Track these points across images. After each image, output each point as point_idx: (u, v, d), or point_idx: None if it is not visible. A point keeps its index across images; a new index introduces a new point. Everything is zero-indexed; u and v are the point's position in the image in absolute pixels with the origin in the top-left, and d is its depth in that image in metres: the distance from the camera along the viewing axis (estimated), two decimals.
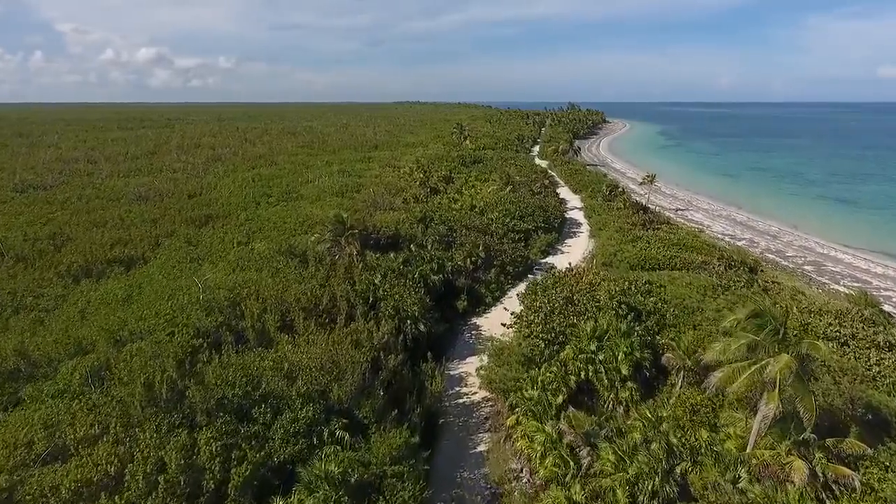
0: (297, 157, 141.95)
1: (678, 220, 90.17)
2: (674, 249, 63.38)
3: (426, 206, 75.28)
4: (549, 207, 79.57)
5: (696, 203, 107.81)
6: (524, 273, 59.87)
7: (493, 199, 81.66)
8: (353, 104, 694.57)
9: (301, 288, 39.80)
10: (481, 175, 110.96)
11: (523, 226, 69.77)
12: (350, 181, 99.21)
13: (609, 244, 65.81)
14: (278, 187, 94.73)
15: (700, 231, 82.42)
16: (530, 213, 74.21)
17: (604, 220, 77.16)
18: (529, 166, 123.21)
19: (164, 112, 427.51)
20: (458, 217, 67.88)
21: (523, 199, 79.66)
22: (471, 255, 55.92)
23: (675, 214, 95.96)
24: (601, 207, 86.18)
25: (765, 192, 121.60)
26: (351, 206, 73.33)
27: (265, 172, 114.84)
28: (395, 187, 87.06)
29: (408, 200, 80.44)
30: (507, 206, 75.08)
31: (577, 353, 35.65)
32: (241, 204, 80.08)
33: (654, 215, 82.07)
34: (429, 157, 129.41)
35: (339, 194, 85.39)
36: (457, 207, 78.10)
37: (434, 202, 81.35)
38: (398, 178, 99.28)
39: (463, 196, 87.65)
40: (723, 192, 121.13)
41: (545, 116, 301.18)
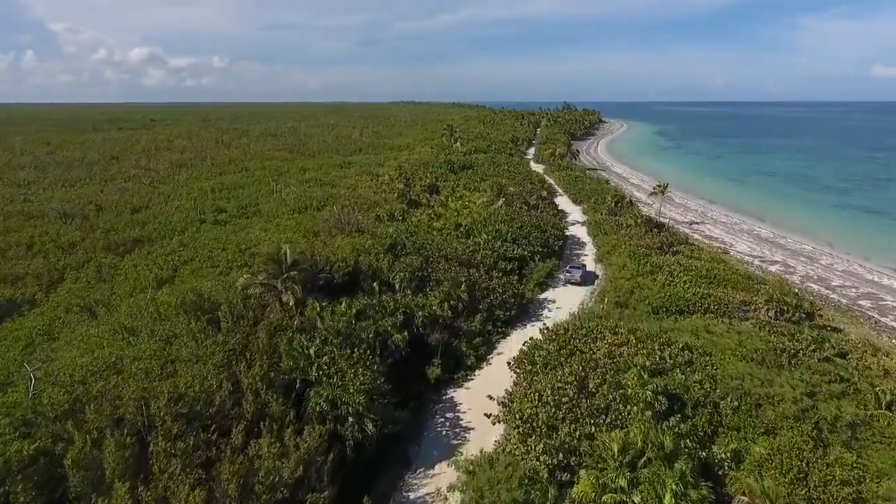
0: (271, 161, 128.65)
1: (696, 237, 77.29)
2: (703, 283, 50.42)
3: (401, 226, 62.09)
4: (548, 225, 66.39)
5: (711, 215, 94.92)
6: (518, 318, 46.76)
7: (483, 215, 68.57)
8: (348, 104, 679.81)
9: (187, 377, 26.57)
10: (471, 183, 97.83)
11: (517, 251, 56.61)
12: (320, 192, 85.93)
13: (622, 276, 52.78)
14: (237, 200, 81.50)
15: (724, 252, 69.53)
16: (525, 233, 61.09)
17: (613, 243, 64.08)
18: (524, 172, 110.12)
19: (151, 112, 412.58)
20: (439, 242, 54.65)
21: (517, 216, 66.52)
22: (450, 299, 42.81)
23: (691, 229, 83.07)
24: (607, 223, 73.12)
25: (781, 201, 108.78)
26: (309, 228, 60.15)
27: (230, 180, 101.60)
28: (369, 201, 73.83)
29: (382, 217, 67.27)
30: (497, 226, 61.95)
31: (599, 488, 22.70)
32: (185, 222, 66.75)
33: (670, 234, 69.11)
34: (414, 162, 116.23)
35: (303, 209, 72.10)
36: (439, 226, 64.96)
37: (412, 219, 68.17)
38: (375, 189, 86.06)
39: (448, 210, 74.47)
40: (734, 199, 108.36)
41: (540, 117, 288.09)
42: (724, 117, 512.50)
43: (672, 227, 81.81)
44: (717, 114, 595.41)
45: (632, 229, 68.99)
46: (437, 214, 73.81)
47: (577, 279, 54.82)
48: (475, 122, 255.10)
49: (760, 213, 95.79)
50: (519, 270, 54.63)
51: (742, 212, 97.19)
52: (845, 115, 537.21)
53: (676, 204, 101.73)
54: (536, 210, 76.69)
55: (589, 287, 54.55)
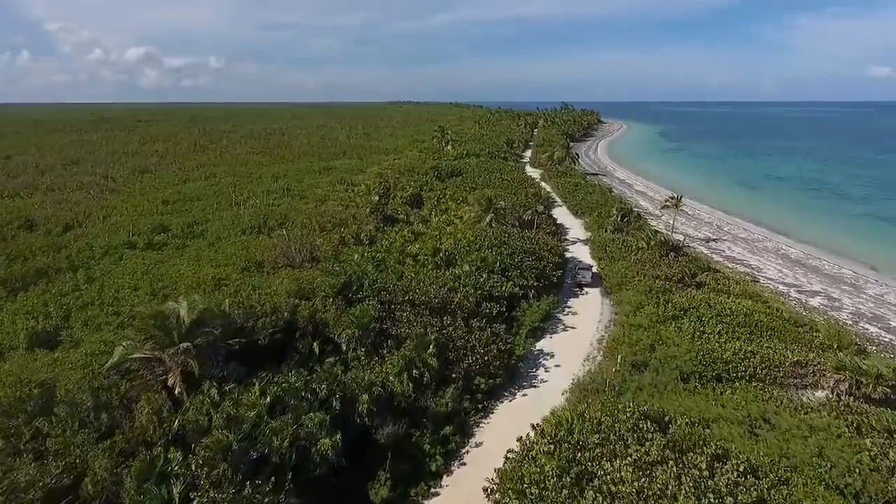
0: (245, 167, 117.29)
1: (716, 259, 65.89)
2: (742, 332, 38.99)
3: (367, 254, 50.64)
4: (545, 250, 54.71)
5: (728, 228, 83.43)
6: (503, 386, 35.30)
7: (467, 236, 57.13)
8: (344, 104, 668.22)
9: None
10: (459, 192, 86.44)
11: (506, 288, 45.04)
12: (285, 205, 74.60)
13: (638, 322, 41.34)
14: (187, 215, 70.08)
15: (753, 280, 58.12)
16: (517, 262, 49.51)
17: (623, 272, 52.55)
18: (518, 179, 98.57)
19: (145, 112, 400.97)
20: (409, 279, 43.06)
21: (508, 239, 54.93)
22: (412, 367, 31.40)
23: (709, 248, 71.67)
24: (615, 245, 61.60)
25: (802, 211, 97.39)
26: (253, 256, 48.68)
27: (191, 189, 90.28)
28: (335, 219, 62.32)
29: (347, 241, 55.81)
30: (483, 252, 50.42)
31: None
32: (109, 246, 55.20)
33: (689, 259, 57.64)
34: (399, 168, 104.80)
35: (257, 228, 60.62)
36: (414, 251, 53.48)
37: (384, 243, 56.75)
38: (347, 202, 74.65)
39: (429, 229, 62.99)
40: (750, 209, 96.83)
41: (538, 117, 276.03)
42: (724, 118, 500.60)
43: (687, 245, 70.47)
44: (716, 114, 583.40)
45: (644, 253, 57.55)
46: (416, 234, 62.43)
47: (588, 280, 52.56)
48: (470, 123, 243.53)
49: (783, 226, 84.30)
50: (508, 313, 43.19)
51: (762, 224, 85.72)
52: (845, 116, 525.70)
53: (688, 215, 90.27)
54: (531, 228, 65.22)
55: (594, 333, 43.20)
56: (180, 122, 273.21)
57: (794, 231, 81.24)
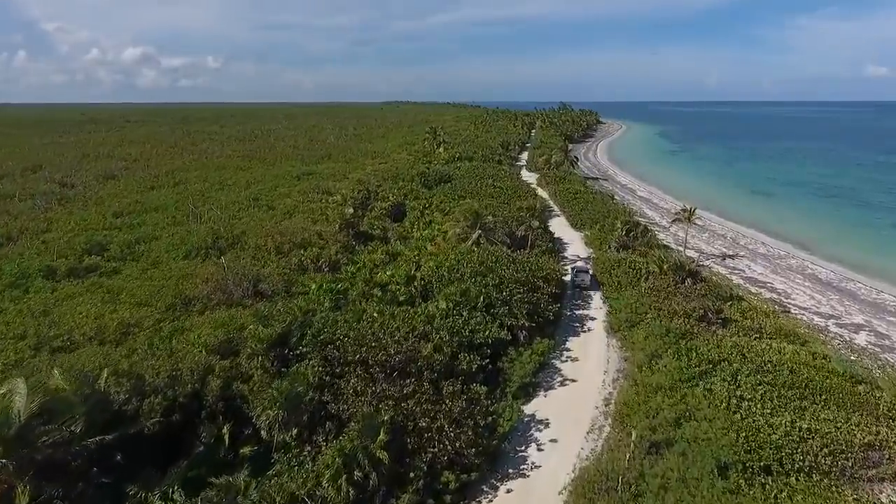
0: (221, 171, 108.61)
1: (735, 281, 57.15)
2: (790, 396, 30.02)
3: (325, 284, 41.81)
4: (539, 277, 45.61)
5: (745, 243, 74.59)
6: (482, 479, 26.44)
7: (449, 260, 48.28)
8: (342, 104, 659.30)
9: None
10: (446, 202, 77.73)
11: (490, 331, 36.14)
12: (247, 219, 65.83)
13: (654, 381, 32.42)
14: (135, 232, 61.34)
15: (784, 310, 49.30)
16: (505, 296, 40.50)
17: (633, 306, 43.63)
18: (513, 188, 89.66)
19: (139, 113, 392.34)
20: (370, 324, 34.20)
21: (496, 264, 45.86)
22: (352, 467, 22.60)
23: (725, 267, 62.91)
24: (620, 268, 52.61)
25: (823, 221, 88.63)
26: (184, 288, 39.90)
27: (154, 198, 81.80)
28: (298, 237, 53.42)
29: (304, 265, 46.99)
30: (465, 284, 41.49)
31: None
32: (28, 270, 46.30)
33: (709, 286, 48.68)
34: (383, 173, 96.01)
35: (206, 249, 51.71)
36: (385, 279, 44.62)
37: (351, 267, 47.95)
38: (317, 215, 65.85)
39: (406, 251, 54.07)
40: (766, 219, 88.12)
41: (535, 118, 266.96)
42: (724, 118, 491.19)
43: (702, 263, 61.70)
44: (716, 114, 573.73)
45: (656, 279, 48.71)
46: (392, 254, 53.64)
47: (587, 283, 51.24)
48: (466, 124, 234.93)
49: (804, 239, 75.42)
50: (492, 364, 34.39)
51: (781, 237, 76.86)
52: (846, 116, 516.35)
53: (698, 226, 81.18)
54: (525, 247, 56.40)
55: (599, 388, 34.43)
56: (169, 123, 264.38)
57: (818, 246, 72.42)
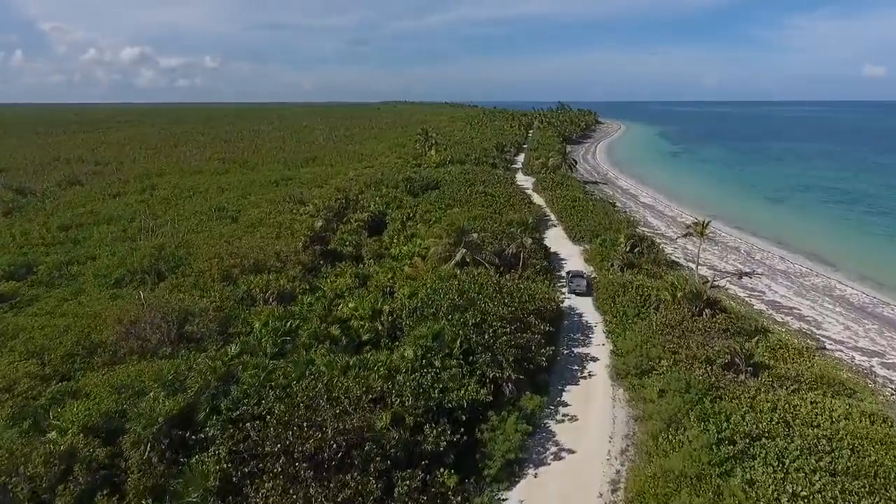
0: (195, 176, 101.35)
1: (757, 306, 49.67)
2: (858, 491, 22.63)
3: (272, 321, 34.26)
4: (530, 312, 37.89)
5: (761, 257, 67.08)
6: None
7: (427, 287, 40.79)
8: (340, 104, 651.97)
9: None
10: (432, 211, 70.37)
11: (467, 389, 28.55)
12: (205, 233, 58.32)
13: (675, 465, 24.88)
14: (75, 249, 53.81)
15: (818, 347, 41.78)
16: (488, 339, 32.76)
17: (642, 346, 36.03)
18: (506, 195, 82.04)
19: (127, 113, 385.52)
20: (313, 381, 26.67)
21: (480, 295, 38.16)
22: None
23: (742, 287, 55.46)
24: (626, 294, 45.03)
25: (840, 231, 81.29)
26: (95, 328, 32.36)
27: (110, 208, 74.51)
28: (254, 258, 45.78)
29: (255, 297, 39.45)
30: (440, 323, 33.88)
31: None
32: None
33: (732, 318, 41.04)
34: (366, 178, 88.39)
35: (143, 274, 44.17)
36: (346, 314, 37.05)
37: (308, 297, 40.40)
38: (285, 228, 58.24)
39: (376, 278, 46.40)
40: (781, 229, 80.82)
41: (533, 118, 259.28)
42: (724, 117, 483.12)
43: (716, 284, 54.25)
44: (715, 114, 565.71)
45: (669, 310, 41.18)
46: (362, 279, 46.15)
47: (583, 289, 48.81)
48: (461, 124, 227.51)
49: (826, 253, 67.98)
50: (467, 434, 26.86)
51: (801, 251, 69.35)
52: (846, 116, 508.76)
53: (709, 238, 73.63)
54: (516, 268, 48.89)
55: (603, 466, 26.97)
56: (159, 124, 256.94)
57: (843, 261, 64.92)
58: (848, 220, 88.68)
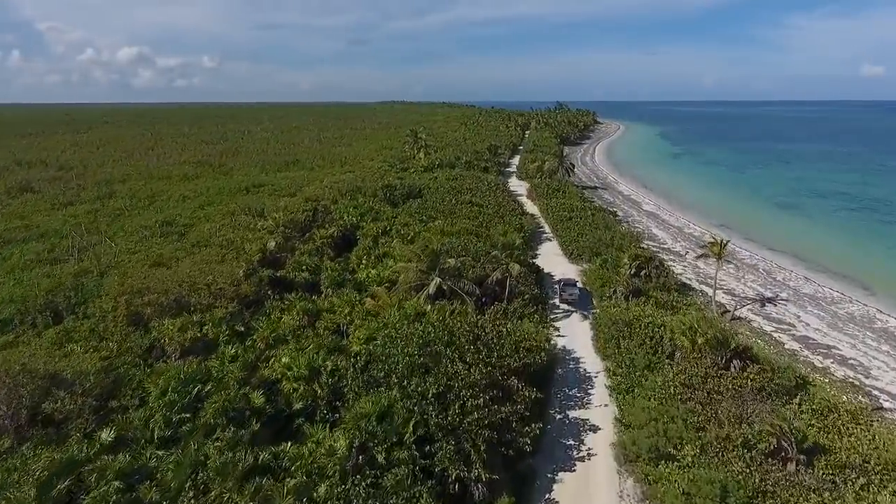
0: (161, 181, 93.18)
1: (788, 343, 41.24)
2: None
3: (175, 385, 25.80)
4: (514, 376, 29.31)
5: (782, 277, 58.46)
6: None
7: (387, 332, 32.29)
8: (337, 104, 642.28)
9: None
10: (411, 225, 61.95)
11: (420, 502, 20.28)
12: (142, 254, 49.74)
13: None
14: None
15: (875, 405, 33.35)
16: (454, 417, 24.35)
17: (656, 417, 27.52)
18: (496, 205, 73.45)
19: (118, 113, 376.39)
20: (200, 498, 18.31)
21: (448, 349, 29.63)
22: None
23: (764, 317, 46.96)
24: (633, 336, 36.47)
25: (868, 244, 72.71)
26: None
27: (49, 222, 66.02)
28: (172, 294, 37.17)
29: (162, 347, 30.94)
30: (391, 396, 25.40)
31: None
32: None
33: (767, 371, 32.52)
34: (344, 185, 79.68)
35: (31, 319, 35.58)
36: (278, 371, 28.60)
37: (232, 349, 31.86)
38: (236, 246, 49.68)
39: (327, 318, 37.84)
40: (800, 243, 72.38)
41: (530, 118, 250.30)
42: (724, 118, 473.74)
43: (738, 315, 45.84)
44: (715, 114, 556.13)
45: (687, 359, 32.73)
46: (312, 316, 37.64)
47: (576, 298, 45.79)
48: (456, 125, 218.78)
49: (859, 274, 59.30)
50: None
51: (828, 270, 60.81)
52: (846, 116, 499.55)
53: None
54: (501, 299, 40.44)
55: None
56: (146, 124, 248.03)
57: (877, 284, 56.33)
58: (869, 231, 80.00)
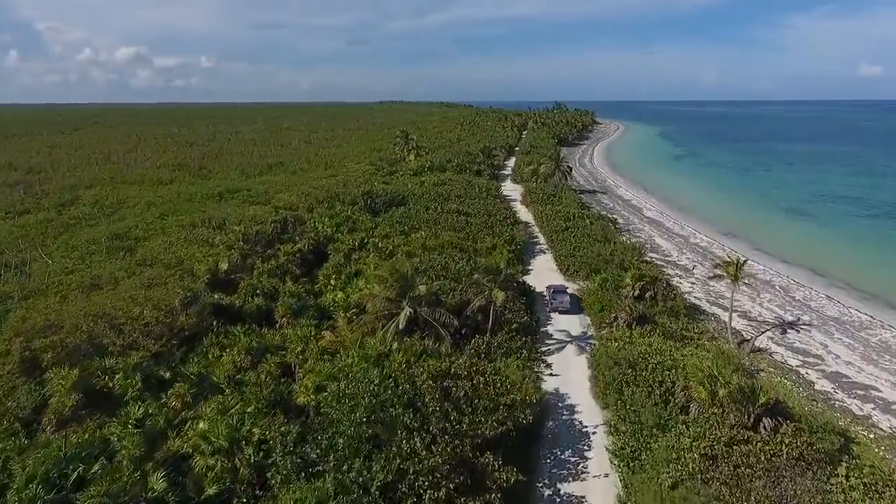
0: (131, 187, 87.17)
1: (818, 383, 35.05)
2: None
3: (38, 476, 19.60)
4: (490, 451, 23.22)
5: (802, 296, 52.16)
6: None
7: (342, 377, 26.07)
8: (336, 104, 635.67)
9: None
10: (392, 235, 55.83)
11: None
12: (82, 272, 43.65)
13: None
14: None
15: None
16: None
17: (668, 500, 21.52)
18: (486, 213, 67.14)
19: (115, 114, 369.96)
20: None
21: (406, 414, 23.45)
22: None
23: (788, 346, 40.78)
24: (637, 381, 30.28)
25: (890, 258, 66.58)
26: None
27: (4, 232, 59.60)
28: (84, 333, 30.93)
29: (49, 406, 24.67)
30: (325, 491, 19.28)
31: None
32: None
33: (804, 434, 26.37)
34: (322, 191, 73.47)
35: None
36: (191, 441, 22.40)
37: (137, 409, 25.60)
38: (182, 268, 43.46)
39: (270, 361, 31.65)
40: (816, 254, 66.31)
41: (527, 118, 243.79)
42: (724, 118, 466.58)
43: (754, 342, 39.65)
44: (715, 113, 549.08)
45: (706, 415, 26.54)
46: (256, 354, 31.49)
47: (566, 306, 43.15)
48: (452, 125, 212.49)
49: (887, 292, 53.23)
50: None
51: (851, 287, 54.66)
52: (846, 115, 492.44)
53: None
54: (484, 330, 34.27)
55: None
56: (134, 124, 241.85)
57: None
58: (892, 241, 73.79)
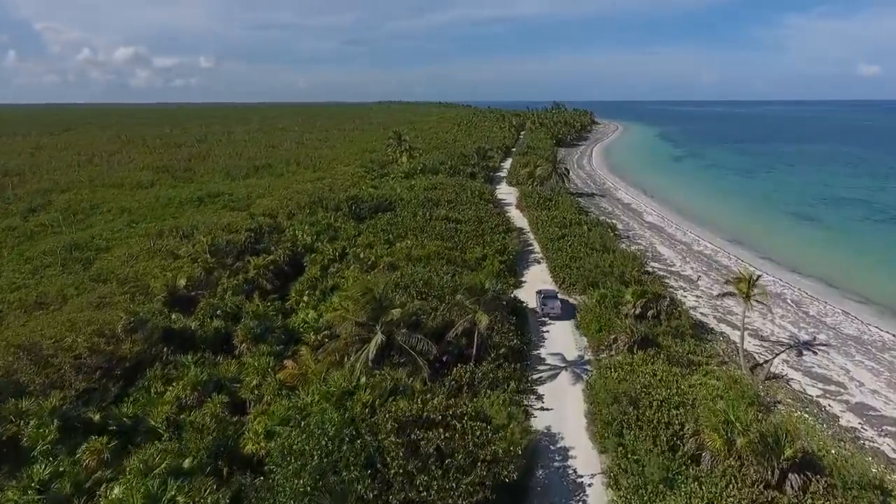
0: (110, 190, 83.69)
1: (837, 413, 30.97)
2: None
3: None
4: None
5: (816, 311, 47.92)
6: None
7: (284, 443, 21.96)
8: (335, 104, 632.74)
9: None
10: (375, 245, 51.70)
11: None
12: (31, 288, 39.58)
13: None
14: None
15: None
16: None
17: None
18: (476, 219, 62.86)
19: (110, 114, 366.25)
20: None
21: (363, 477, 19.55)
22: None
23: (805, 370, 36.66)
24: (639, 425, 26.20)
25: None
26: None
27: None
28: (17, 354, 26.90)
29: None
30: None
31: None
32: None
33: (832, 491, 22.31)
34: (305, 196, 69.31)
35: None
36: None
37: (60, 461, 21.42)
38: (137, 285, 39.34)
39: (222, 392, 27.62)
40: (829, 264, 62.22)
41: (525, 118, 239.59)
42: (724, 118, 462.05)
43: (770, 368, 35.58)
44: (714, 113, 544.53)
45: (722, 468, 22.41)
46: (206, 389, 27.41)
47: (558, 312, 41.35)
48: (449, 125, 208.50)
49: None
50: None
51: (868, 302, 50.52)
52: (846, 115, 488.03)
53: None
54: (468, 357, 30.20)
55: None
56: (127, 125, 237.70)
57: None
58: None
